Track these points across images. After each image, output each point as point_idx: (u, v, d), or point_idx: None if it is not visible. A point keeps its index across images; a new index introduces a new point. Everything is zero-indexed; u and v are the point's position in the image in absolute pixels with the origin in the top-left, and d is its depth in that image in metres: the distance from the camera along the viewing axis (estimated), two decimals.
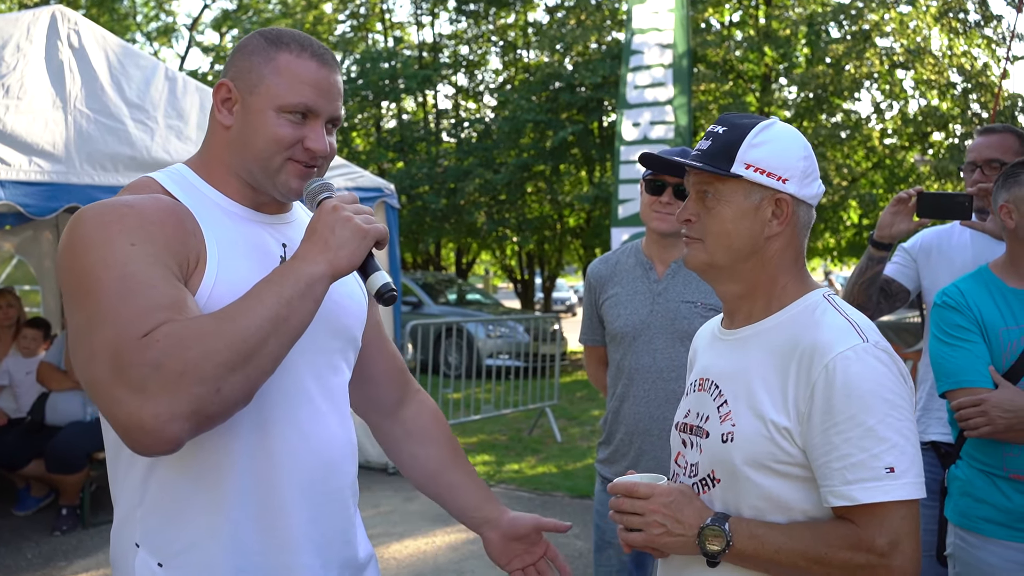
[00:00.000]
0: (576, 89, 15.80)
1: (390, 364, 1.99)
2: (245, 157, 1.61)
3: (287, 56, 1.59)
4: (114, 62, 5.77)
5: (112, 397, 1.33)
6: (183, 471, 1.54)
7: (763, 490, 1.56)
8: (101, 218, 1.44)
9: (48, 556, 5.40)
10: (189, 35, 25.54)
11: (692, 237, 1.67)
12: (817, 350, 1.52)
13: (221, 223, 1.59)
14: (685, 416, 1.74)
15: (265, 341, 1.38)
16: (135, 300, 1.37)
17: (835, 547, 1.48)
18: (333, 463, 1.66)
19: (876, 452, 1.46)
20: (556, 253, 19.68)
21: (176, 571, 1.53)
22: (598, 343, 3.08)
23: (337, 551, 1.68)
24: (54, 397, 6.16)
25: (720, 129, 1.64)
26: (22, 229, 8.79)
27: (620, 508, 1.62)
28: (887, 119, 15.31)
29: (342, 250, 1.47)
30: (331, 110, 1.62)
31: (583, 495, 6.92)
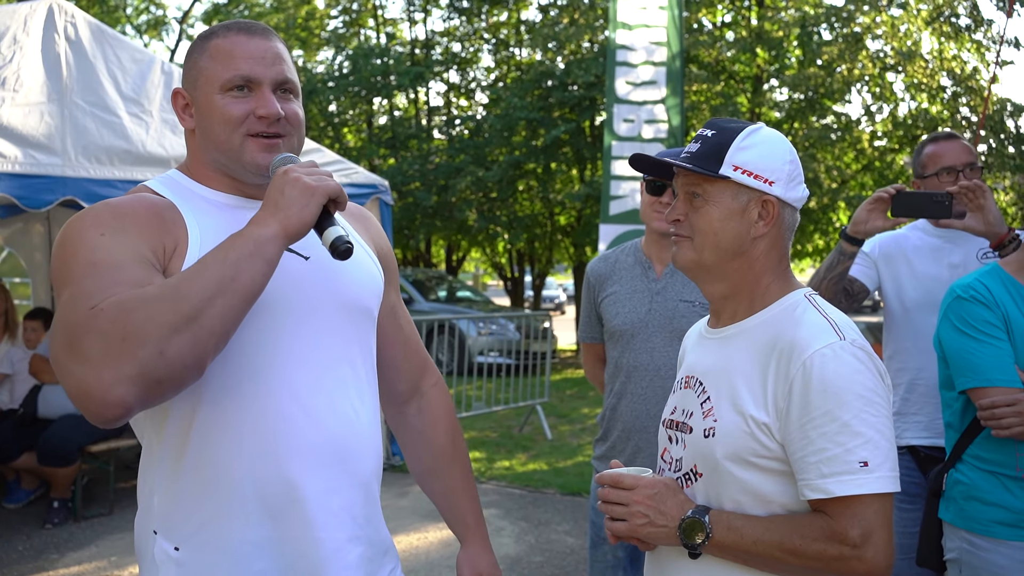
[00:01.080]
0: (568, 88, 15.83)
1: (402, 353, 1.99)
2: (210, 149, 1.66)
3: (216, 40, 1.65)
4: (110, 55, 5.76)
5: (65, 369, 1.36)
6: (191, 455, 1.56)
7: (743, 484, 1.60)
8: (80, 218, 1.53)
9: (39, 549, 5.40)
10: (179, 28, 25.44)
11: (681, 235, 1.72)
12: (796, 347, 1.57)
13: (205, 211, 1.64)
14: (672, 413, 1.79)
15: (210, 301, 1.37)
16: (95, 280, 1.42)
17: (809, 539, 1.52)
18: (344, 437, 1.66)
19: (851, 447, 1.51)
20: (546, 251, 19.71)
21: (192, 552, 1.57)
22: (596, 340, 3.11)
23: (360, 527, 1.69)
24: (46, 390, 6.16)
25: (709, 132, 1.69)
26: (12, 221, 8.76)
27: (606, 498, 1.68)
28: (877, 122, 15.40)
29: (291, 208, 1.47)
30: (272, 74, 1.63)
31: (574, 492, 6.96)
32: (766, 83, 16.35)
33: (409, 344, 2.01)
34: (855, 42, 14.13)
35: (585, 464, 7.95)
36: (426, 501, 6.68)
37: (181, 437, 1.57)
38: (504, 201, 16.87)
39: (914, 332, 3.05)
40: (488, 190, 16.40)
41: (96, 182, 5.58)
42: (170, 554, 1.57)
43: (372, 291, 1.79)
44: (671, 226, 1.74)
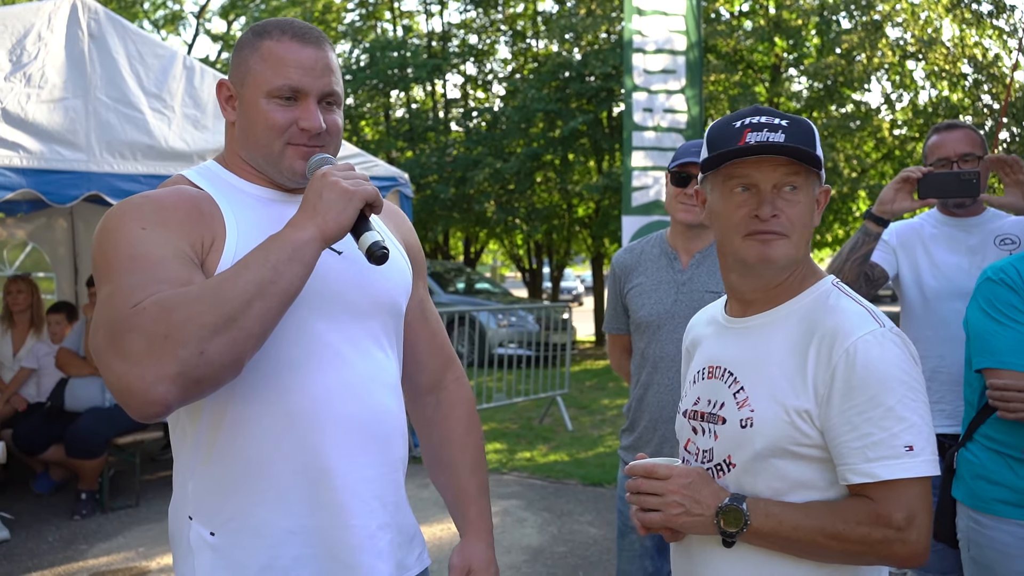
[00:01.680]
0: (586, 79, 15.79)
1: (427, 348, 1.99)
2: (250, 148, 1.68)
3: (269, 43, 1.64)
4: (132, 51, 5.82)
5: (106, 364, 1.40)
6: (226, 444, 1.60)
7: (781, 472, 1.60)
8: (120, 210, 1.55)
9: (69, 539, 5.47)
10: (196, 23, 25.54)
11: (774, 232, 1.60)
12: (838, 335, 1.57)
13: (243, 204, 1.65)
14: (695, 404, 1.77)
15: (249, 304, 1.40)
16: (137, 276, 1.45)
17: (853, 523, 1.52)
18: (376, 428, 1.69)
19: (896, 431, 1.51)
20: (564, 243, 19.70)
21: (227, 538, 1.60)
22: (622, 332, 3.12)
23: (391, 515, 1.72)
24: (73, 383, 6.23)
25: (779, 120, 1.61)
26: (36, 216, 8.85)
27: (639, 489, 1.66)
28: (897, 110, 15.28)
29: (329, 213, 1.49)
30: (319, 87, 1.64)
31: (595, 483, 6.97)
32: (784, 72, 16.26)
33: (435, 338, 2.02)
34: (875, 30, 14.04)
35: (606, 455, 7.96)
36: None
37: (215, 427, 1.60)
38: (522, 193, 16.85)
39: (935, 320, 3.03)
40: (506, 182, 16.40)
41: (120, 177, 5.64)
42: (206, 539, 1.60)
43: (402, 288, 1.81)
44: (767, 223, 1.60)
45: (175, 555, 1.69)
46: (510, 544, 5.44)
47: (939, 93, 14.64)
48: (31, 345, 6.69)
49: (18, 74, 5.21)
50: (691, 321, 1.98)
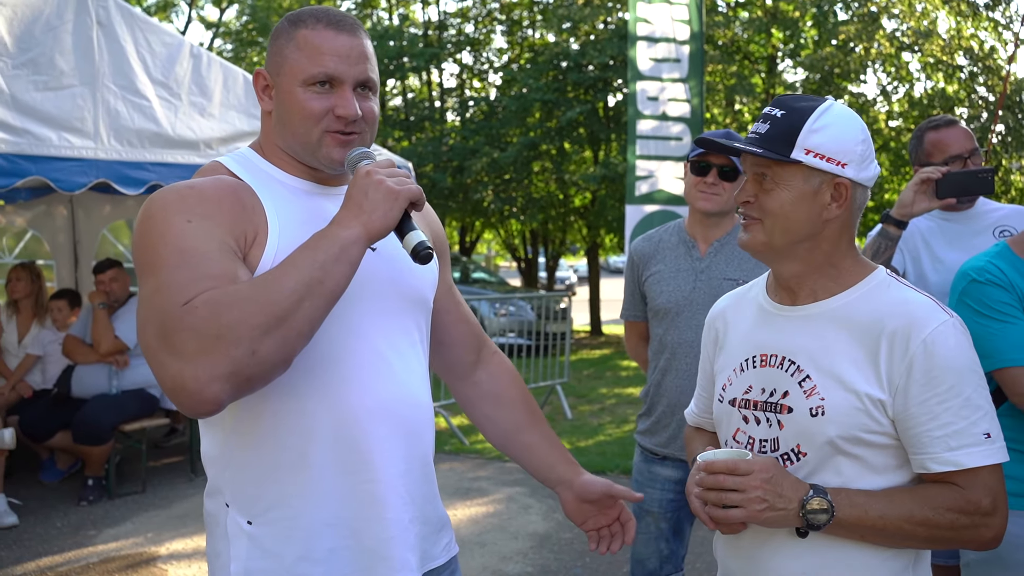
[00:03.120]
0: (584, 68, 15.81)
1: (464, 328, 2.04)
2: (287, 137, 1.68)
3: (304, 31, 1.65)
4: (140, 39, 5.82)
5: (158, 361, 1.42)
6: (266, 435, 1.62)
7: (851, 459, 1.62)
8: (164, 200, 1.55)
9: (77, 525, 5.50)
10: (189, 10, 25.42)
11: (752, 218, 1.69)
12: (914, 326, 1.59)
13: (282, 197, 1.66)
14: (746, 392, 1.75)
15: (299, 304, 1.43)
16: (185, 271, 1.45)
17: (942, 509, 1.56)
18: (411, 421, 1.72)
19: (974, 419, 1.56)
20: (560, 232, 19.73)
21: (265, 527, 1.62)
22: (639, 319, 3.16)
23: (420, 507, 1.75)
24: (79, 370, 6.25)
25: (778, 112, 1.66)
26: (36, 203, 8.83)
27: (721, 486, 1.61)
28: (893, 101, 15.34)
29: (375, 212, 1.51)
30: (355, 74, 1.65)
31: (597, 470, 7.00)
32: (781, 63, 16.30)
33: (468, 318, 2.06)
34: (871, 21, 14.08)
35: (607, 443, 8.02)
36: (455, 480, 6.80)
37: (254, 420, 1.62)
38: (519, 182, 16.88)
39: None
40: (503, 171, 16.41)
41: (128, 164, 5.66)
42: (243, 527, 1.63)
43: (430, 281, 1.84)
44: (740, 208, 1.72)
45: (210, 537, 1.72)
46: (516, 530, 5.49)
47: (935, 85, 14.70)
48: (36, 332, 6.70)
49: (27, 62, 5.21)
50: (714, 308, 1.97)
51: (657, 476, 3.04)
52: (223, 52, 21.81)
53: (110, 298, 6.29)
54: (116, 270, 6.37)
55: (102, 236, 8.88)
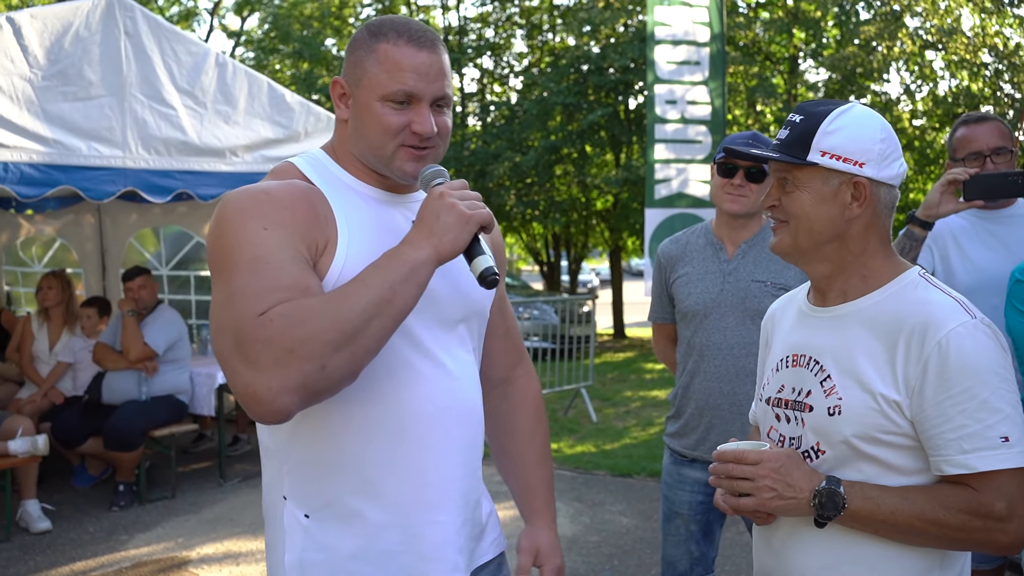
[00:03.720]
0: (605, 71, 15.80)
1: (502, 344, 2.07)
2: (361, 147, 1.72)
3: (385, 45, 1.67)
4: (166, 48, 5.89)
5: (232, 368, 1.47)
6: (326, 436, 1.67)
7: (871, 459, 1.63)
8: (240, 204, 1.59)
9: (109, 530, 5.57)
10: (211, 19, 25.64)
11: (779, 220, 1.74)
12: (929, 326, 1.58)
13: (353, 204, 1.70)
14: (778, 391, 1.79)
15: (368, 322, 1.47)
16: (260, 280, 1.50)
17: (953, 510, 1.55)
18: (466, 429, 1.77)
19: (991, 423, 1.54)
20: (582, 236, 19.72)
21: (321, 522, 1.67)
22: (667, 321, 3.17)
23: (472, 510, 1.80)
24: (110, 376, 6.32)
25: (797, 118, 1.71)
26: (64, 213, 8.94)
27: (730, 474, 1.68)
28: (917, 100, 15.22)
29: (446, 235, 1.55)
30: (433, 91, 1.67)
31: (624, 473, 7.03)
32: (803, 63, 16.23)
33: (510, 335, 2.10)
34: (894, 20, 13.98)
35: (633, 446, 8.01)
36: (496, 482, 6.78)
37: (316, 421, 1.66)
38: (541, 186, 16.89)
39: None
40: (525, 175, 16.42)
41: (155, 173, 5.74)
42: (300, 520, 1.68)
43: (489, 296, 1.88)
44: (766, 212, 1.77)
45: (268, 528, 1.77)
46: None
47: (959, 83, 14.57)
48: (67, 340, 6.78)
49: (56, 73, 5.29)
50: (768, 310, 2.01)
51: (687, 478, 3.04)
52: (245, 60, 21.96)
53: (139, 305, 6.36)
54: (144, 277, 6.43)
55: (129, 244, 8.97)
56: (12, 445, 5.36)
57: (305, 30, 20.45)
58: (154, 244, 9.24)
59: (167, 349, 6.34)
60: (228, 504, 6.16)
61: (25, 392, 6.79)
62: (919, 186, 15.57)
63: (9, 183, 4.98)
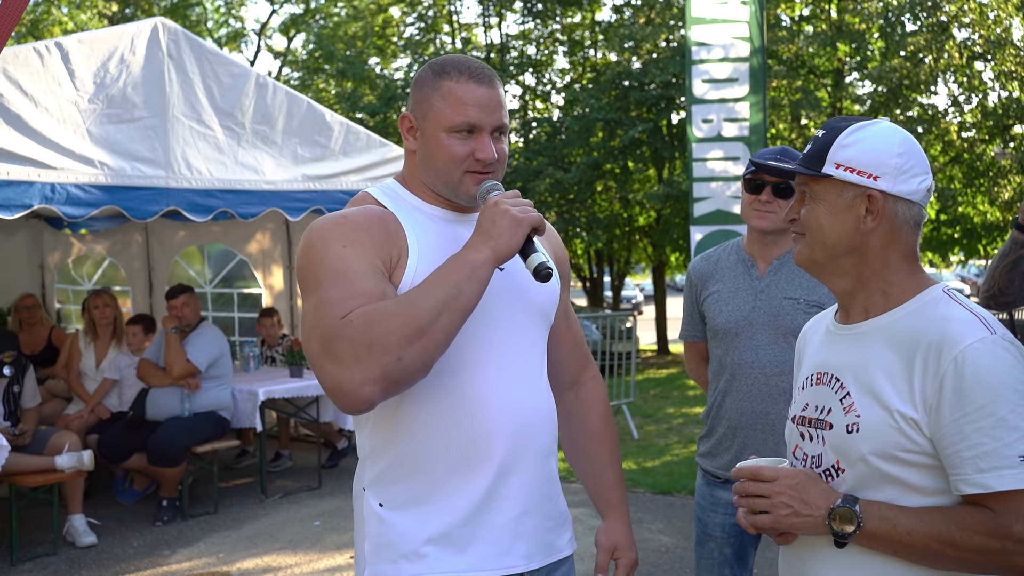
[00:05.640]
0: (646, 87, 15.77)
1: (569, 350, 2.21)
2: (430, 175, 1.91)
3: (448, 83, 1.87)
4: (207, 70, 6.01)
5: (320, 367, 1.68)
6: (400, 429, 1.84)
7: (891, 478, 1.60)
8: (323, 228, 1.82)
9: (152, 545, 5.65)
10: (258, 40, 26.08)
11: (798, 233, 1.76)
12: (946, 343, 1.55)
13: (422, 224, 1.90)
14: (803, 410, 1.78)
15: (437, 317, 1.66)
16: (341, 290, 1.71)
17: (970, 531, 1.51)
18: (529, 424, 1.90)
19: (1008, 441, 1.49)
20: (625, 252, 19.65)
21: (392, 511, 1.85)
22: (698, 339, 3.14)
23: (538, 502, 1.92)
24: (153, 393, 6.42)
25: (820, 133, 1.72)
26: (113, 232, 9.14)
27: (746, 491, 1.68)
28: (965, 112, 14.96)
29: (501, 237, 1.73)
30: (492, 122, 1.87)
31: (664, 491, 6.96)
32: (847, 76, 16.05)
33: (576, 342, 2.25)
34: (941, 31, 13.79)
35: (674, 463, 7.94)
36: None
37: (390, 416, 1.84)
38: (583, 202, 16.87)
39: None
40: (567, 192, 16.43)
41: (197, 192, 5.84)
42: (375, 509, 1.86)
43: (552, 299, 2.03)
44: (790, 225, 1.79)
45: (355, 521, 1.96)
46: (582, 551, 5.46)
47: (1009, 94, 14.31)
48: (113, 357, 6.91)
49: (101, 95, 5.42)
50: (804, 327, 2.00)
51: (719, 500, 3.00)
52: (290, 80, 22.30)
53: (182, 323, 6.46)
54: (188, 295, 6.53)
55: (174, 262, 9.13)
56: (59, 460, 5.47)
57: (349, 50, 20.72)
58: (199, 262, 9.40)
59: (209, 366, 6.43)
60: (269, 520, 6.22)
61: (72, 408, 6.94)
62: (967, 199, 15.29)
63: (56, 203, 5.10)
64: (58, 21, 20.10)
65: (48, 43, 5.33)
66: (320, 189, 6.48)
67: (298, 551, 5.55)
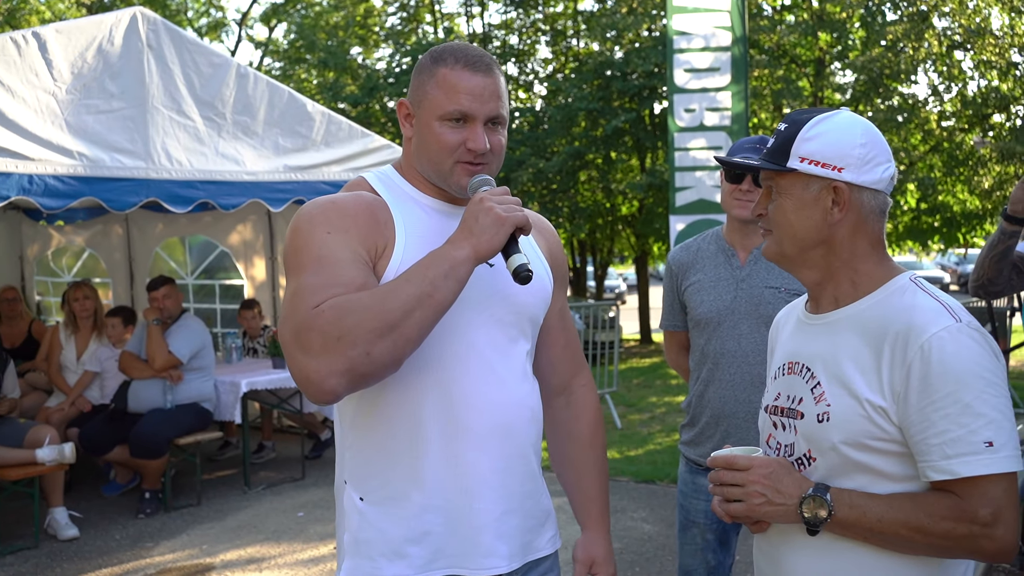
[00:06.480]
0: (628, 77, 15.77)
1: (561, 352, 2.15)
2: (423, 162, 1.88)
3: (444, 70, 1.83)
4: (187, 60, 5.96)
5: (291, 355, 1.65)
6: (380, 422, 1.82)
7: (862, 466, 1.62)
8: (310, 213, 1.79)
9: (135, 538, 5.63)
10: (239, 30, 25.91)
11: (765, 229, 1.77)
12: (912, 331, 1.57)
13: (413, 213, 1.87)
14: (775, 399, 1.80)
15: (410, 313, 1.62)
16: (320, 278, 1.68)
17: (937, 517, 1.54)
18: (511, 420, 1.87)
19: (974, 428, 1.51)
20: (608, 241, 19.68)
21: (372, 505, 1.83)
22: (679, 328, 3.15)
23: (519, 501, 1.89)
24: (135, 385, 6.38)
25: (782, 126, 1.73)
26: (93, 223, 9.08)
27: (720, 480, 1.70)
28: (945, 101, 15.06)
29: (483, 235, 1.69)
30: (486, 111, 1.82)
31: (647, 480, 6.99)
32: (829, 66, 16.11)
33: (570, 345, 2.18)
34: (921, 21, 13.85)
35: (657, 452, 7.98)
36: None
37: (371, 409, 1.82)
38: (565, 192, 16.88)
39: None
40: (549, 181, 16.43)
41: (177, 183, 5.80)
42: (356, 503, 1.85)
43: (541, 299, 1.99)
44: (753, 220, 1.78)
45: (337, 511, 1.94)
46: (565, 540, 5.44)
47: (988, 83, 14.40)
48: (94, 349, 6.87)
49: (79, 86, 5.37)
50: (776, 317, 2.02)
51: (702, 487, 3.01)
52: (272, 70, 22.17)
53: (163, 314, 6.42)
54: (169, 287, 6.50)
55: (155, 254, 9.08)
56: (40, 453, 5.44)
57: (330, 40, 20.62)
58: (181, 253, 9.35)
59: (191, 357, 6.40)
60: (252, 511, 6.21)
61: (53, 401, 6.90)
62: (947, 187, 15.39)
63: (34, 195, 5.05)
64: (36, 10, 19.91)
65: (25, 33, 5.27)
66: (302, 180, 6.46)
67: (282, 542, 5.54)
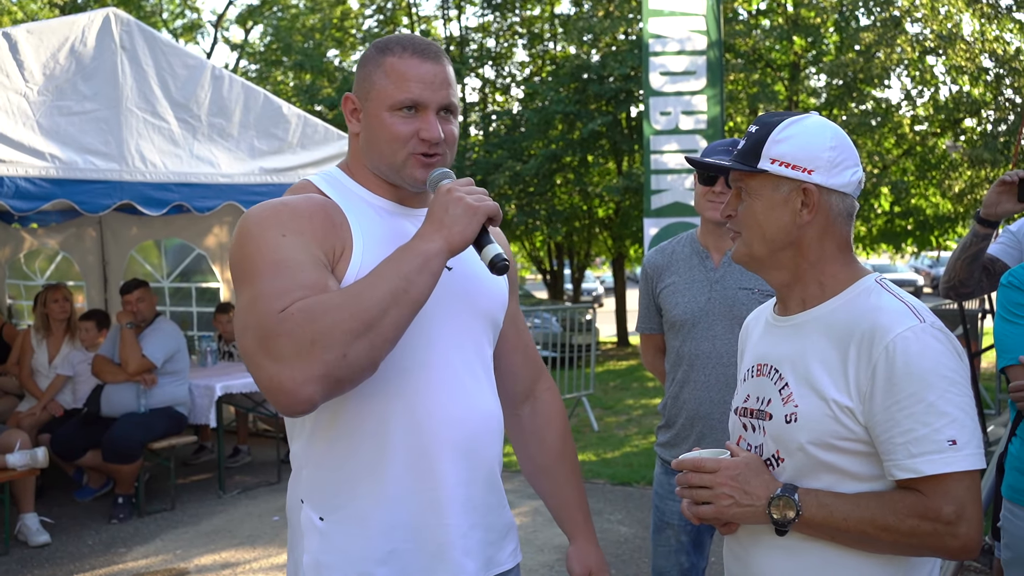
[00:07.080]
0: (605, 80, 15.82)
1: (519, 358, 2.10)
2: (374, 157, 1.78)
3: (392, 59, 1.75)
4: (162, 62, 5.92)
5: (257, 364, 1.53)
6: (341, 436, 1.72)
7: (829, 466, 1.63)
8: (260, 215, 1.67)
9: (108, 543, 5.57)
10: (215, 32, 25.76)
11: (734, 231, 1.78)
12: (877, 332, 1.59)
13: (367, 216, 1.77)
14: (744, 401, 1.82)
15: (386, 311, 1.53)
16: (280, 282, 1.56)
17: (903, 515, 1.55)
18: (478, 432, 1.80)
19: (938, 426, 1.54)
20: (585, 244, 19.71)
21: (334, 525, 1.72)
22: (655, 331, 3.16)
23: (483, 514, 1.82)
24: (108, 389, 6.33)
25: (753, 128, 1.74)
26: (66, 226, 8.99)
27: (688, 483, 1.70)
28: (918, 106, 15.22)
29: (455, 226, 1.62)
30: (438, 99, 1.75)
31: (623, 482, 7.01)
32: (804, 70, 16.23)
33: (528, 350, 2.13)
34: (894, 26, 13.98)
35: (634, 454, 8.00)
36: None
37: (332, 423, 1.72)
38: (542, 195, 16.89)
39: None
40: (526, 184, 16.44)
41: (151, 186, 5.76)
42: (315, 523, 1.73)
43: (500, 302, 1.93)
44: (727, 222, 1.80)
45: (289, 531, 1.83)
46: (543, 543, 5.49)
47: (960, 88, 14.56)
48: (66, 353, 6.80)
49: (51, 87, 5.32)
50: (746, 319, 2.03)
51: None
52: (248, 73, 22.05)
53: (137, 318, 6.37)
54: (142, 290, 6.45)
55: (130, 257, 9.01)
56: (11, 459, 5.37)
57: (307, 42, 20.53)
58: (156, 256, 9.27)
59: (165, 361, 6.35)
60: (227, 516, 6.17)
61: (25, 405, 6.83)
62: (920, 191, 15.55)
63: (4, 197, 5.00)
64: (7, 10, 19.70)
65: None
66: (277, 182, 6.43)
67: (256, 546, 5.51)
